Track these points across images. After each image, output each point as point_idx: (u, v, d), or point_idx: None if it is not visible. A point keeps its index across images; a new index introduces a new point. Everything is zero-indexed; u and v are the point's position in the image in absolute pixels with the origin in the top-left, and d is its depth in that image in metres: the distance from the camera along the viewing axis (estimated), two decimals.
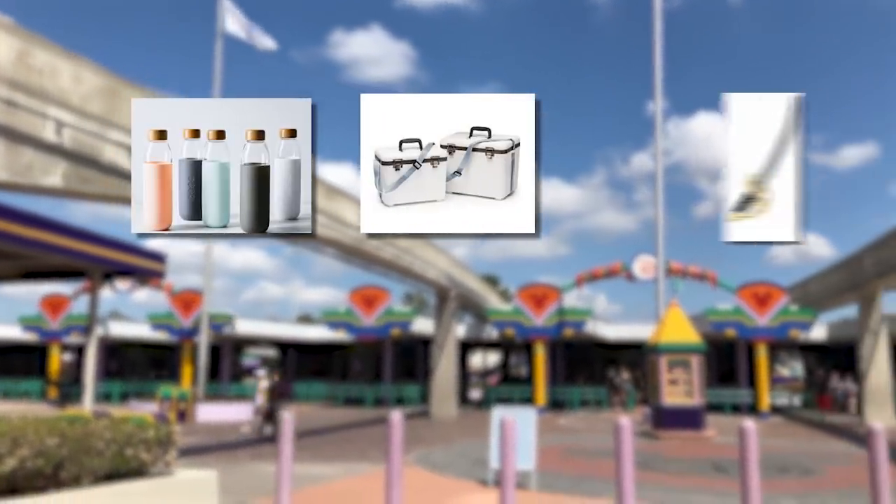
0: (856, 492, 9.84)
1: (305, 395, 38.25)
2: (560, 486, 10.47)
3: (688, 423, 19.35)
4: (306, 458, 13.36)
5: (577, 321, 30.80)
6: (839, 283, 27.75)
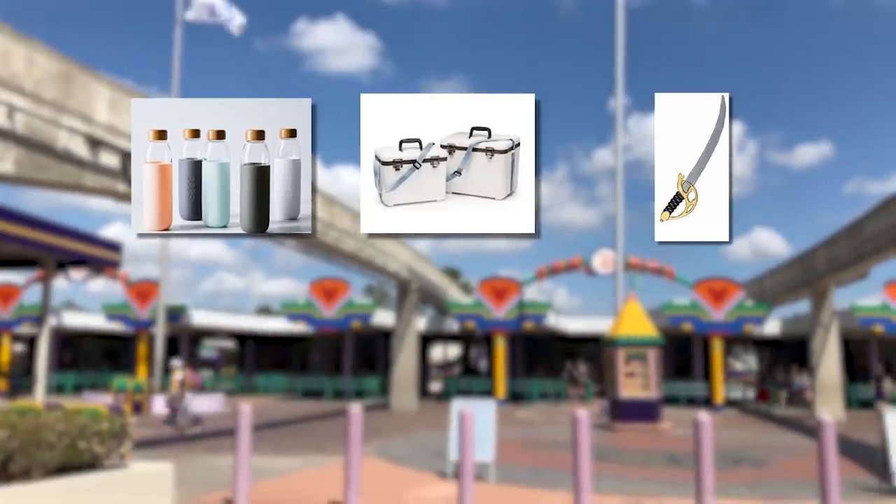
0: (805, 482, 10.08)
1: (264, 387, 37.95)
2: (518, 478, 10.55)
3: (644, 415, 19.63)
4: (264, 451, 13.26)
5: (537, 314, 31.01)
6: (793, 280, 28.37)
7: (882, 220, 19.55)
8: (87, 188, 12.14)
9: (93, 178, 12.01)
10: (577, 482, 8.09)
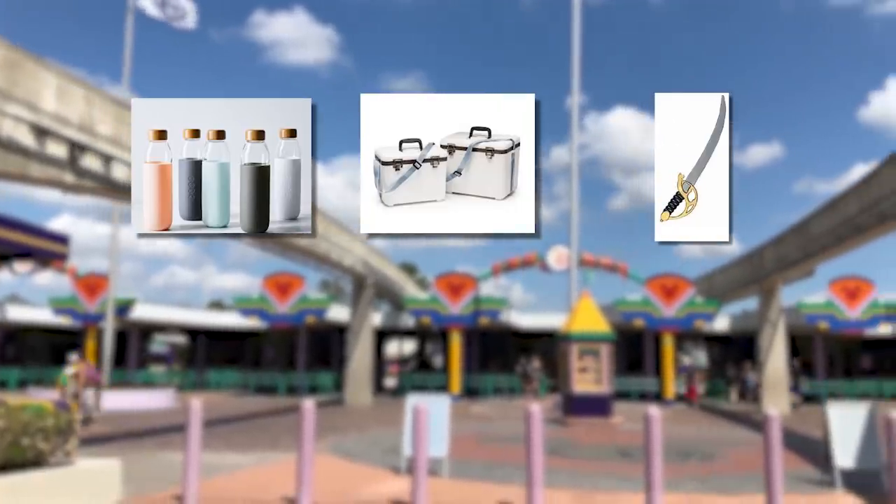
0: (752, 474, 10.31)
1: (216, 383, 37.47)
2: (472, 473, 10.59)
3: (596, 410, 19.86)
4: (216, 447, 13.09)
5: (493, 310, 31.17)
6: (742, 277, 28.99)
7: (827, 220, 20.09)
8: (32, 178, 11.83)
9: (39, 169, 11.71)
10: (530, 477, 8.15)
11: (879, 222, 16.55)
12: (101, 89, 13.15)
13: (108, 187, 13.39)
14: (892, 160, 15.81)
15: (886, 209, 16.00)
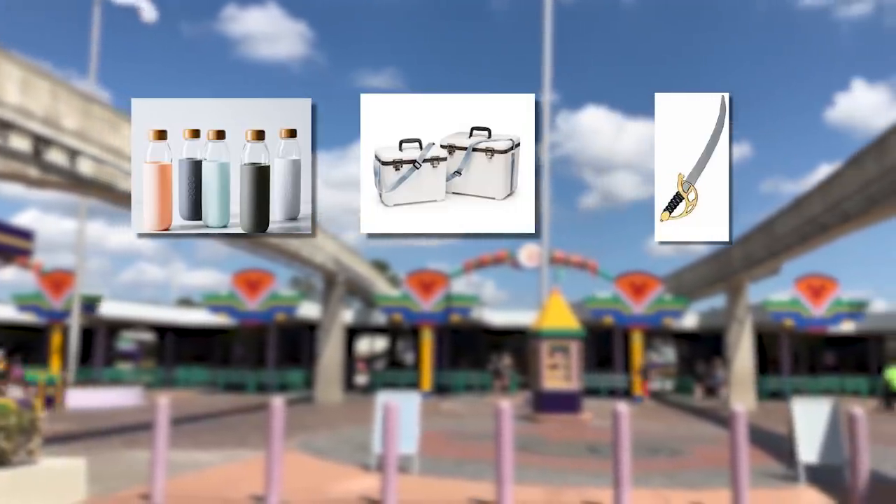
0: (718, 469, 10.44)
1: (185, 380, 37.09)
2: (442, 470, 10.60)
3: (566, 406, 19.99)
4: (183, 445, 12.96)
5: (464, 307, 31.22)
6: (710, 275, 29.33)
7: (792, 219, 20.40)
8: None
9: (2, 162, 11.49)
10: (499, 473, 8.18)
11: (843, 221, 16.84)
12: (67, 83, 12.93)
13: (74, 182, 13.18)
14: (854, 161, 16.09)
15: (849, 208, 16.29)
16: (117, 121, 13.95)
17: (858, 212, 15.88)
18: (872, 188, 14.97)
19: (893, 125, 14.14)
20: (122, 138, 13.98)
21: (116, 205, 15.44)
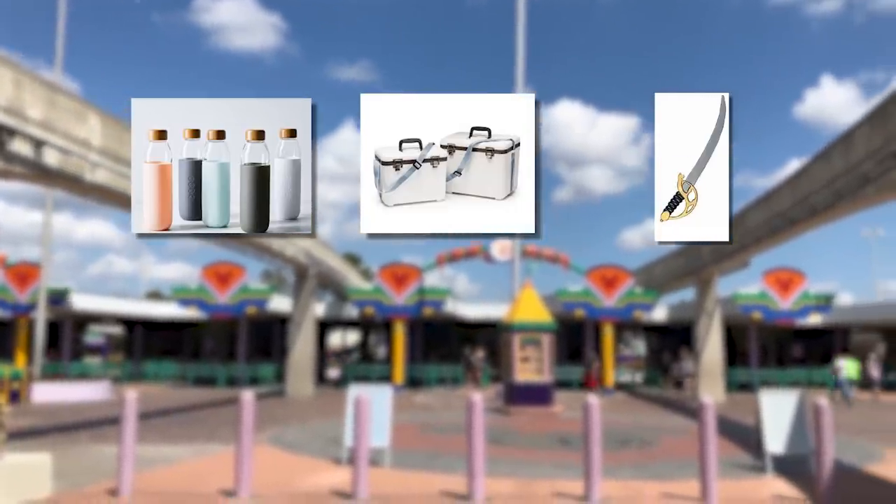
0: (687, 460, 10.56)
1: (154, 374, 36.68)
2: (414, 463, 10.59)
3: (538, 399, 20.07)
4: (152, 440, 12.82)
5: (437, 300, 31.20)
6: (680, 268, 29.60)
7: (762, 213, 20.65)
8: None
9: None
10: (471, 466, 8.20)
11: (810, 215, 17.08)
12: (32, 72, 12.68)
13: (39, 173, 12.94)
14: (821, 156, 16.32)
15: (816, 203, 16.52)
16: (84, 111, 13.72)
17: (825, 206, 16.11)
18: (838, 183, 15.20)
19: (859, 121, 14.36)
20: (89, 129, 13.75)
21: (83, 196, 15.20)
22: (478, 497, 8.08)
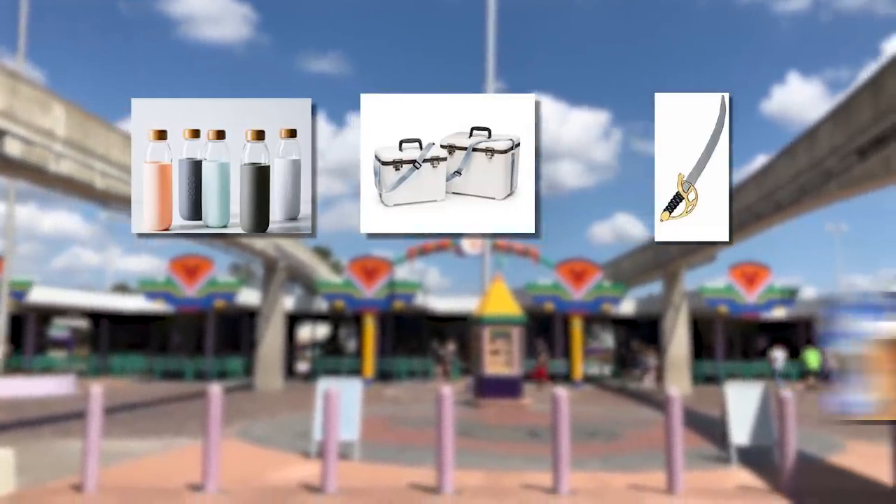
0: (654, 452, 10.68)
1: (120, 368, 36.24)
2: (383, 456, 10.59)
3: (507, 391, 20.17)
4: (118, 434, 12.67)
5: (407, 294, 31.18)
6: (647, 262, 29.90)
7: None
8: None
9: None
10: (440, 458, 8.21)
11: (776, 210, 17.34)
12: None
13: (0, 163, 12.68)
14: (786, 152, 16.57)
15: (782, 198, 16.77)
16: (48, 101, 13.46)
17: (790, 201, 16.36)
18: (803, 178, 15.44)
19: (822, 118, 14.59)
20: (54, 119, 13.50)
21: (48, 187, 14.93)
22: (447, 489, 8.10)
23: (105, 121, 15.28)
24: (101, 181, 14.91)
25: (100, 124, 15.04)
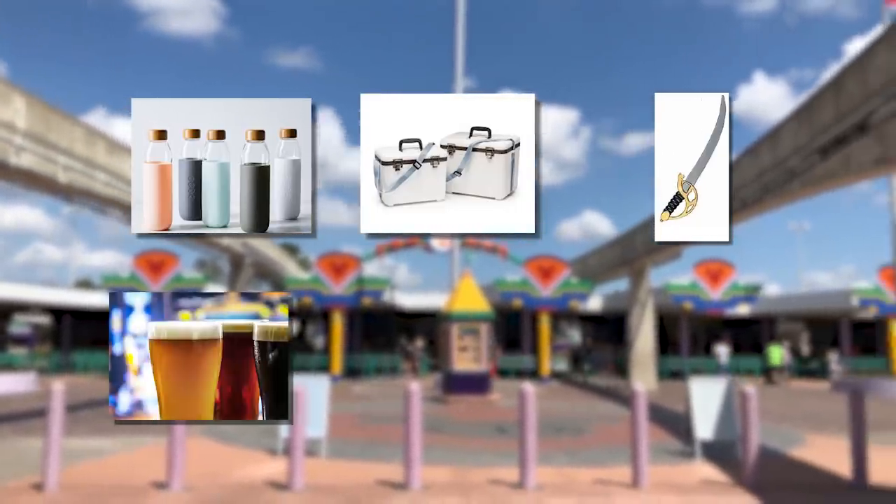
0: (620, 447, 10.80)
1: (83, 365, 35.67)
2: (350, 453, 10.57)
3: (475, 387, 20.23)
4: (81, 432, 12.49)
5: (376, 290, 31.11)
6: (614, 259, 30.16)
7: None
8: None
9: None
10: (408, 454, 8.22)
11: (740, 208, 17.59)
12: None
13: None
14: (750, 151, 16.82)
15: (746, 196, 17.03)
16: (8, 93, 13.19)
17: (754, 199, 16.62)
18: (766, 177, 15.69)
19: (786, 118, 14.84)
20: (14, 111, 13.24)
21: (8, 181, 14.64)
22: (414, 485, 8.11)
23: (69, 114, 15.02)
24: (64, 175, 14.67)
25: (63, 117, 14.79)
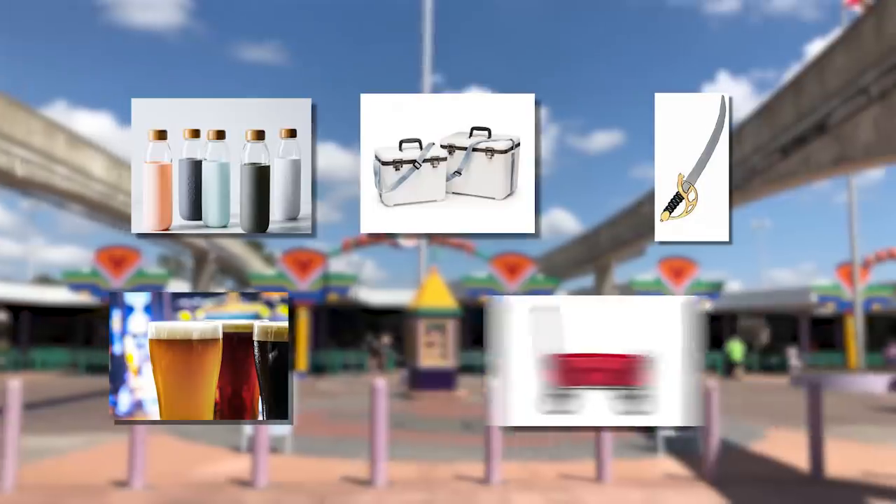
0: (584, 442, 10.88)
1: (42, 362, 35.03)
2: (316, 450, 10.52)
3: (442, 383, 20.25)
4: (39, 430, 12.25)
5: (342, 286, 30.99)
6: (580, 256, 30.43)
7: None
8: None
9: None
10: (373, 451, 8.21)
11: None
12: None
13: None
14: None
15: None
16: None
17: None
18: None
19: (748, 117, 15.07)
20: None
21: None
22: (379, 482, 8.10)
23: (27, 106, 14.71)
24: (21, 168, 14.37)
25: (20, 109, 14.48)
